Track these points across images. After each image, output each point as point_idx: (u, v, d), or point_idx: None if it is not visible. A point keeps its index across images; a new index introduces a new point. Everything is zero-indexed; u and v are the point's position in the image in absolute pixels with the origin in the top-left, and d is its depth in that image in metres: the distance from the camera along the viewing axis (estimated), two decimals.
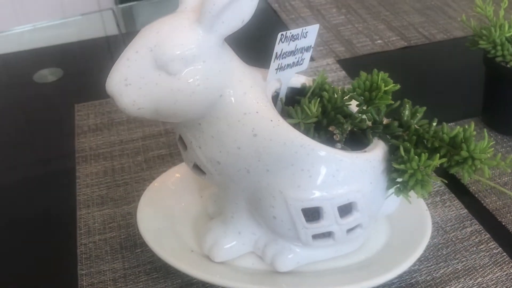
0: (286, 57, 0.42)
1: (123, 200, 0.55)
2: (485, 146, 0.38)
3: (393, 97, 0.41)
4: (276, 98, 0.43)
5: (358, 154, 0.40)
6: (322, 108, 0.42)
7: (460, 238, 0.50)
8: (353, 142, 0.42)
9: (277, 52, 0.40)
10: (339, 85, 0.71)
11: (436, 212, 0.52)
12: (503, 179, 0.56)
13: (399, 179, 0.40)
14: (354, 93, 0.41)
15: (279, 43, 0.40)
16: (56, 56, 0.84)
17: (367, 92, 0.41)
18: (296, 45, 0.42)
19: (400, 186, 0.41)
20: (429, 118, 0.43)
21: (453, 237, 0.50)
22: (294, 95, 0.44)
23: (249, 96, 0.39)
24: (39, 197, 0.58)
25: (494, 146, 0.59)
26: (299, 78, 0.45)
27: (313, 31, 0.42)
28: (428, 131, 0.41)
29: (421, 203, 0.48)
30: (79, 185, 0.57)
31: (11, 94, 0.77)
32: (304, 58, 0.43)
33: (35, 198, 0.58)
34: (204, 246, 0.46)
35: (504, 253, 0.48)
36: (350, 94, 0.42)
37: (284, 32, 0.40)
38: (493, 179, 0.56)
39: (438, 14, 0.91)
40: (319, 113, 0.41)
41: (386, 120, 0.43)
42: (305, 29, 0.42)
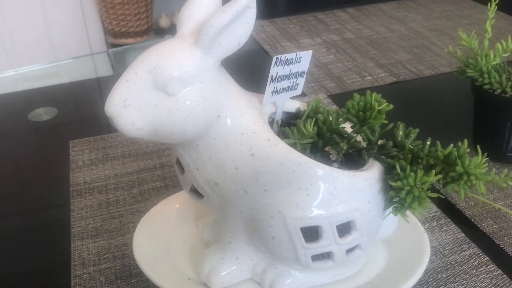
0: (281, 81, 0.43)
1: (118, 232, 0.55)
2: (480, 162, 0.39)
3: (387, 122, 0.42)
4: (272, 124, 0.44)
5: (356, 173, 0.40)
6: (318, 130, 0.42)
7: (459, 261, 0.49)
8: (349, 163, 0.43)
9: (273, 75, 0.42)
10: None
11: (434, 237, 0.52)
12: (498, 202, 0.57)
13: (396, 198, 0.41)
14: (349, 114, 0.42)
15: (274, 66, 0.41)
16: (50, 96, 0.85)
17: (361, 112, 0.41)
18: (291, 70, 0.43)
19: (398, 205, 0.41)
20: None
21: (452, 261, 0.49)
22: (289, 119, 0.45)
23: (246, 117, 0.40)
24: (33, 232, 0.57)
25: (488, 163, 0.59)
26: (294, 103, 0.46)
27: (307, 57, 0.44)
28: (423, 150, 0.42)
29: (419, 226, 0.48)
30: (73, 218, 0.57)
31: (7, 131, 0.77)
32: (299, 83, 0.44)
33: (29, 233, 0.57)
34: (202, 273, 0.45)
35: (504, 275, 0.48)
36: (345, 116, 0.42)
37: (279, 56, 0.41)
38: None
39: (425, 52, 0.94)
40: (315, 134, 0.41)
41: (381, 141, 0.44)
42: (299, 54, 0.43)
